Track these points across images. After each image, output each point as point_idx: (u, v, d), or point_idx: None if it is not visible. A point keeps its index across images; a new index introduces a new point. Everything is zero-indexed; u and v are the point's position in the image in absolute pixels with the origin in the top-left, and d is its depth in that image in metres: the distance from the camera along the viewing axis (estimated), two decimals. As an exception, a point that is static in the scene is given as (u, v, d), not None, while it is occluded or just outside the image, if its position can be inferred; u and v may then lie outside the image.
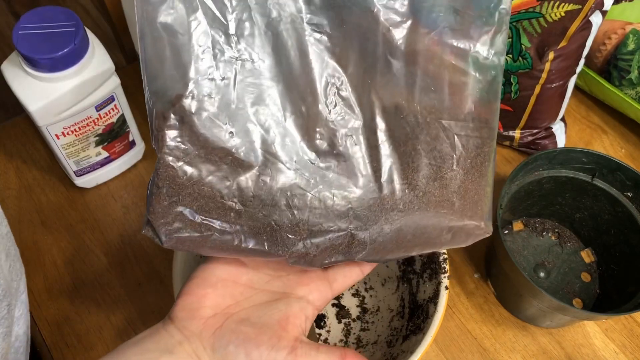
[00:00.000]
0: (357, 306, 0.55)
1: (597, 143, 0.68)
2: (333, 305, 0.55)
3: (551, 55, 0.56)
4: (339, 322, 0.54)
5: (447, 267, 0.46)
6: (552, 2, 0.53)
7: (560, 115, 0.63)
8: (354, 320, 0.54)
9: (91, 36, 0.49)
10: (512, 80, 0.58)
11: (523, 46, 0.56)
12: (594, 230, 0.57)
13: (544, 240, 0.59)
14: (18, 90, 0.49)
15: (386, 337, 0.50)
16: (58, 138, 0.53)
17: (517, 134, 0.63)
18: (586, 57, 0.59)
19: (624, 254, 0.54)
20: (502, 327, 0.55)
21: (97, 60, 0.50)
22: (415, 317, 0.48)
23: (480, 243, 0.59)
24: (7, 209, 0.59)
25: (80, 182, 0.60)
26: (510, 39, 0.56)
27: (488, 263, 0.57)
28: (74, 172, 0.58)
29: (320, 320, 0.54)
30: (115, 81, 0.53)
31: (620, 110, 0.67)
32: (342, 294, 0.55)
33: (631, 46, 0.64)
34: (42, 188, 0.61)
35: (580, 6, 0.53)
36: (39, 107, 0.49)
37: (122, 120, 0.56)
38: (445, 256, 0.47)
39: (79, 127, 0.53)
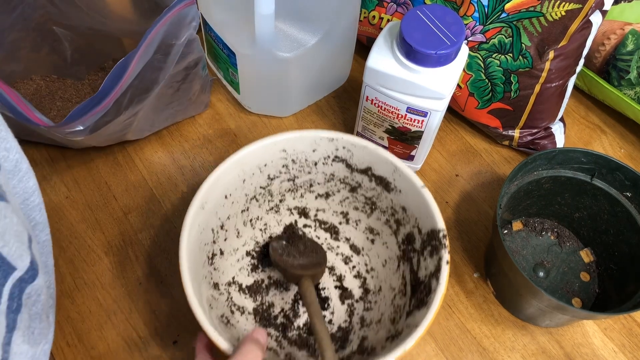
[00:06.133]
0: (359, 287, 0.55)
1: (596, 143, 0.68)
2: (336, 287, 0.55)
3: (551, 54, 0.56)
4: (342, 303, 0.54)
5: (447, 243, 0.46)
6: (552, 2, 0.53)
7: (559, 115, 0.63)
8: (357, 301, 0.54)
9: None
10: (512, 79, 0.59)
11: (523, 45, 0.56)
12: (593, 230, 0.58)
13: (543, 240, 0.60)
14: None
15: (389, 315, 0.51)
16: None
17: (516, 133, 0.63)
18: (585, 58, 0.59)
19: (623, 253, 0.55)
20: (502, 326, 0.55)
21: None
22: (418, 292, 0.48)
23: (479, 243, 0.60)
24: (8, 208, 0.59)
25: None
26: (510, 38, 0.57)
27: (487, 262, 0.58)
28: None
29: (324, 302, 0.54)
30: None
31: (619, 110, 0.67)
32: (344, 275, 0.56)
33: (630, 46, 0.64)
34: (44, 188, 0.61)
35: (580, 5, 0.53)
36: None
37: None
38: (445, 232, 0.47)
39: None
